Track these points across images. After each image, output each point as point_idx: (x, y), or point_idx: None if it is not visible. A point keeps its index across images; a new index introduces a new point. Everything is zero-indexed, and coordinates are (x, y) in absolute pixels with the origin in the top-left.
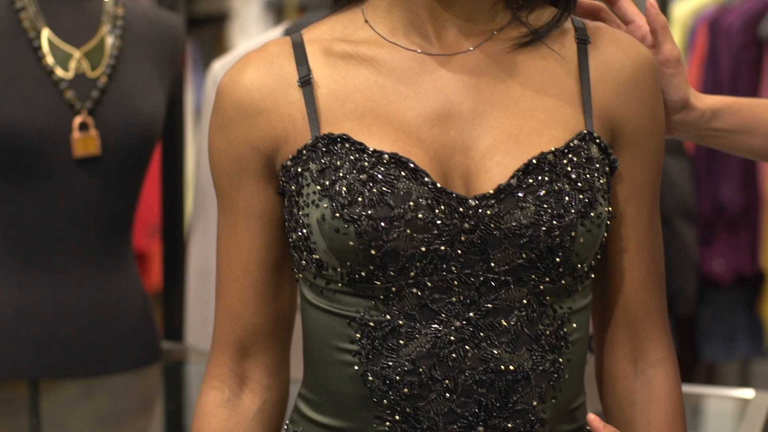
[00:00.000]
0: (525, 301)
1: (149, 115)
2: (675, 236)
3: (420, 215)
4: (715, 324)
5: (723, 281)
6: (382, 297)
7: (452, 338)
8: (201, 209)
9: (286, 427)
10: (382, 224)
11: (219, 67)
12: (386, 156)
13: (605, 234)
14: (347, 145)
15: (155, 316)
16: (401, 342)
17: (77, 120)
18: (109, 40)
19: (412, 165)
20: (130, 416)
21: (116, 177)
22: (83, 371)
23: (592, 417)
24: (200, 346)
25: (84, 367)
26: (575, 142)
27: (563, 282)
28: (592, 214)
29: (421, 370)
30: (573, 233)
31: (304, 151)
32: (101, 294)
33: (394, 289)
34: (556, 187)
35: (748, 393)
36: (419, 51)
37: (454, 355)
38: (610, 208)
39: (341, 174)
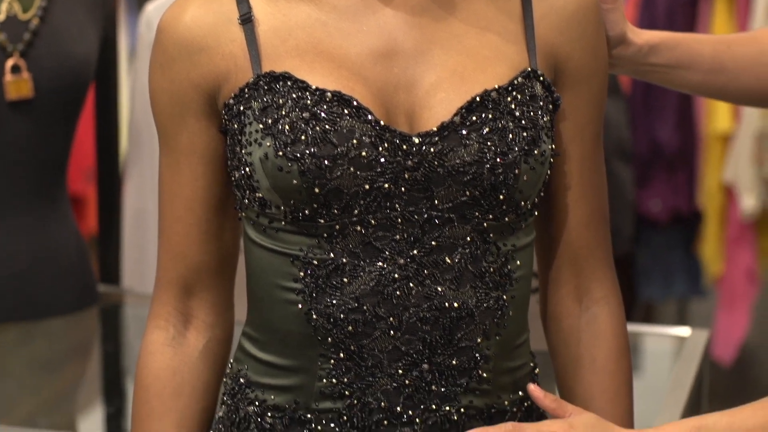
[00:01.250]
0: (469, 239)
1: (82, 57)
2: (611, 176)
3: (363, 153)
4: (653, 264)
5: (660, 221)
6: (325, 235)
7: (396, 276)
8: (135, 151)
9: (230, 365)
10: (326, 162)
11: (152, 8)
12: (329, 94)
13: (548, 172)
14: (289, 83)
15: (91, 260)
16: (345, 280)
17: (9, 63)
18: None
19: (355, 103)
20: (68, 360)
21: (49, 120)
22: (19, 315)
23: (532, 387)
24: (137, 289)
25: (20, 312)
26: (519, 79)
27: (507, 219)
28: (535, 151)
29: (365, 308)
30: (516, 171)
31: (246, 90)
32: (36, 238)
33: (337, 227)
34: (500, 125)
35: (684, 331)
36: None
37: (398, 292)
38: (553, 146)
39: (283, 112)
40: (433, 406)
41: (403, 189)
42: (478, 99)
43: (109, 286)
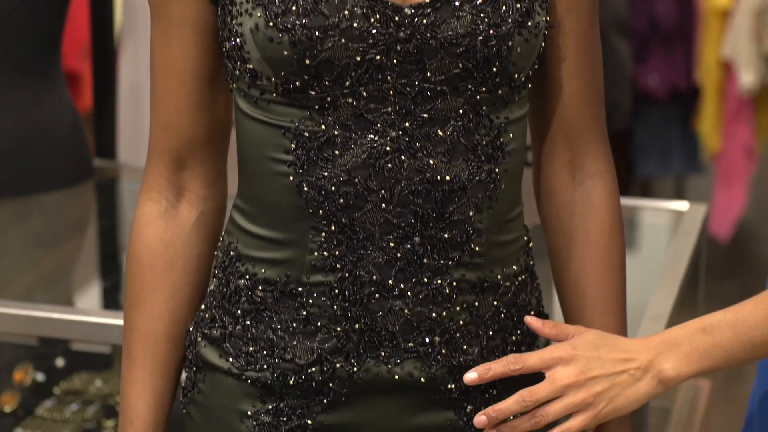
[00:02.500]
0: (461, 111)
1: None
2: (609, 51)
3: (355, 24)
4: (650, 140)
5: (658, 97)
6: (316, 107)
7: (388, 148)
8: (130, 26)
9: (221, 239)
10: (317, 33)
11: None
12: None
13: (543, 44)
14: None
15: (87, 134)
16: (336, 152)
17: None
18: None
19: None
20: (64, 235)
21: None
22: (15, 190)
23: (529, 319)
24: (132, 163)
25: (16, 186)
26: None
27: (500, 92)
28: (529, 23)
29: (356, 180)
30: (510, 43)
31: None
32: (30, 112)
33: (329, 99)
34: None
35: (682, 205)
36: None
37: (390, 165)
38: (548, 18)
39: None
40: (425, 280)
41: (395, 61)
42: None
43: (105, 160)
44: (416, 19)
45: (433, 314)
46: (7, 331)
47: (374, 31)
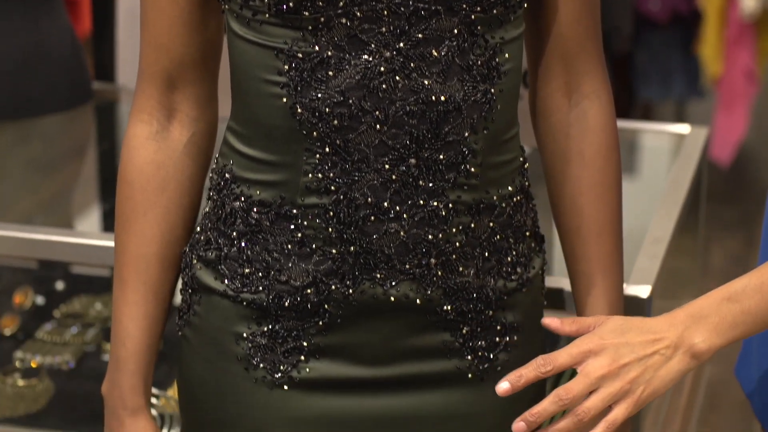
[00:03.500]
0: (456, 31)
1: None
2: None
3: None
4: (651, 64)
5: (659, 21)
6: (310, 28)
7: (382, 69)
8: None
9: (216, 160)
10: None
11: None
12: None
13: None
14: None
15: (85, 57)
16: (330, 73)
17: None
18: None
19: None
20: (64, 159)
21: None
22: (14, 113)
23: (547, 320)
24: (132, 86)
25: (15, 109)
26: None
27: (495, 12)
28: None
29: (350, 101)
30: None
31: None
32: (29, 36)
33: (322, 19)
34: None
35: (683, 128)
36: None
37: (384, 86)
38: None
39: None
40: (421, 202)
41: None
42: None
43: (103, 83)
44: None
45: (429, 236)
46: (6, 254)
47: None
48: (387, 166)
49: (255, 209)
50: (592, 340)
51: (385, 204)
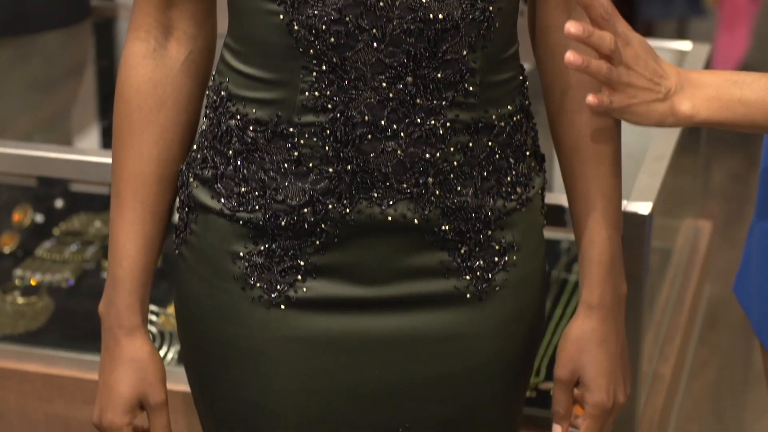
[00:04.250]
0: None
1: None
2: None
3: None
4: None
5: None
6: None
7: None
8: None
9: (212, 78)
10: None
11: None
12: None
13: None
14: None
15: None
16: None
17: None
18: None
19: None
20: (63, 77)
21: None
22: (12, 30)
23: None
24: (130, 3)
25: (12, 26)
26: None
27: None
28: None
29: (347, 18)
30: None
31: None
32: None
33: None
34: None
35: (685, 45)
36: None
37: (381, 3)
38: None
39: None
40: (418, 120)
41: None
42: None
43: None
44: None
45: (427, 155)
46: (6, 172)
47: None
48: (384, 84)
49: (251, 127)
50: (624, 33)
51: (382, 122)
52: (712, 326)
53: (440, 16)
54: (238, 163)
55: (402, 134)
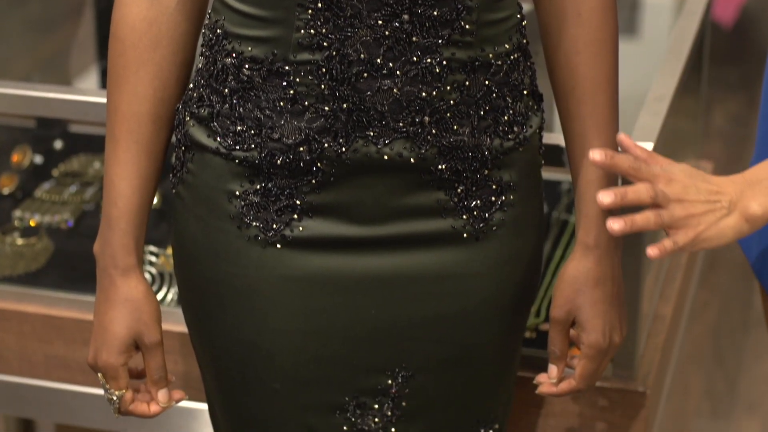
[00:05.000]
0: None
1: None
2: None
3: None
4: None
5: None
6: None
7: None
8: None
9: (208, 16)
10: None
11: None
12: None
13: None
14: None
15: None
16: None
17: None
18: None
19: None
20: (62, 19)
21: None
22: None
23: (623, 136)
24: None
25: None
26: None
27: None
28: None
29: None
30: None
31: None
32: None
33: None
34: None
35: None
36: None
37: None
38: None
39: None
40: (414, 58)
41: None
42: None
43: None
44: None
45: (423, 93)
46: (4, 113)
47: None
48: (380, 22)
49: (247, 65)
50: (664, 175)
51: (378, 60)
52: (712, 268)
53: None
54: (234, 101)
55: (398, 72)
